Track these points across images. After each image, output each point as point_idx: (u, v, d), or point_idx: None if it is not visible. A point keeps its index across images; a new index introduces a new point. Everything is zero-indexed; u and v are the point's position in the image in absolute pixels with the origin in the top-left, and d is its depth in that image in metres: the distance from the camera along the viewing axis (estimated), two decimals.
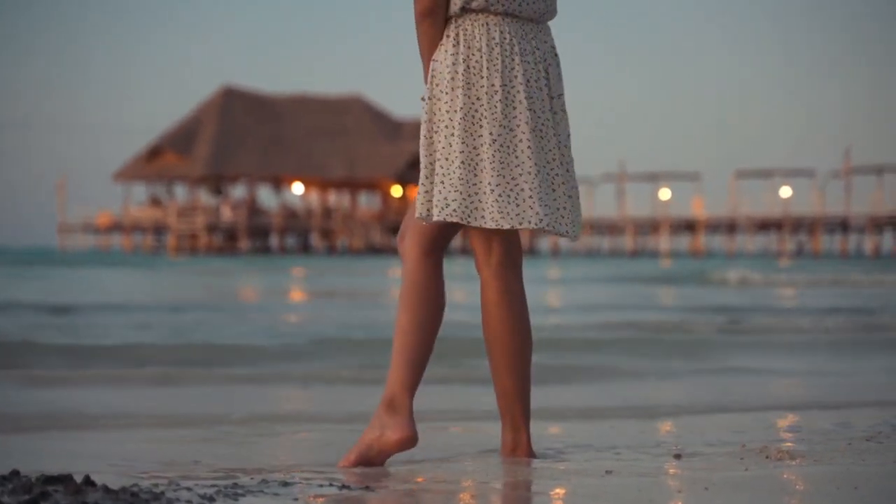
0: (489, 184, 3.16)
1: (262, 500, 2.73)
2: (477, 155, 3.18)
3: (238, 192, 70.12)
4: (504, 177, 3.16)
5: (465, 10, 3.23)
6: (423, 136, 3.25)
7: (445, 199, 3.18)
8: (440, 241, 3.32)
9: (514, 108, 3.19)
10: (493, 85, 3.18)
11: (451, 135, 3.19)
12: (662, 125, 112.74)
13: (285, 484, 2.91)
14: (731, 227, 62.73)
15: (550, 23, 3.35)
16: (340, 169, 69.32)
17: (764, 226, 62.13)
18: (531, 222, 3.15)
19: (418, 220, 3.26)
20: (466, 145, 3.18)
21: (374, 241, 69.43)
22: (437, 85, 3.23)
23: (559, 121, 3.27)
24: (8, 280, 24.46)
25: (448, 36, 3.24)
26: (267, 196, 70.80)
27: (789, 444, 3.62)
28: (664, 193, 63.09)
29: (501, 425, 3.36)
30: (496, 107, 3.18)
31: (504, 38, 3.21)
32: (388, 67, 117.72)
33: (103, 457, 3.51)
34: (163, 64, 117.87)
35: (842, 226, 59.95)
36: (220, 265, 42.34)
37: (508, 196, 3.16)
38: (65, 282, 24.63)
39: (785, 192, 61.10)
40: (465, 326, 8.77)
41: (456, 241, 69.28)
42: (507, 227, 3.16)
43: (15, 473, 2.77)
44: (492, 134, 3.17)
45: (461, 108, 3.19)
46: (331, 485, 2.92)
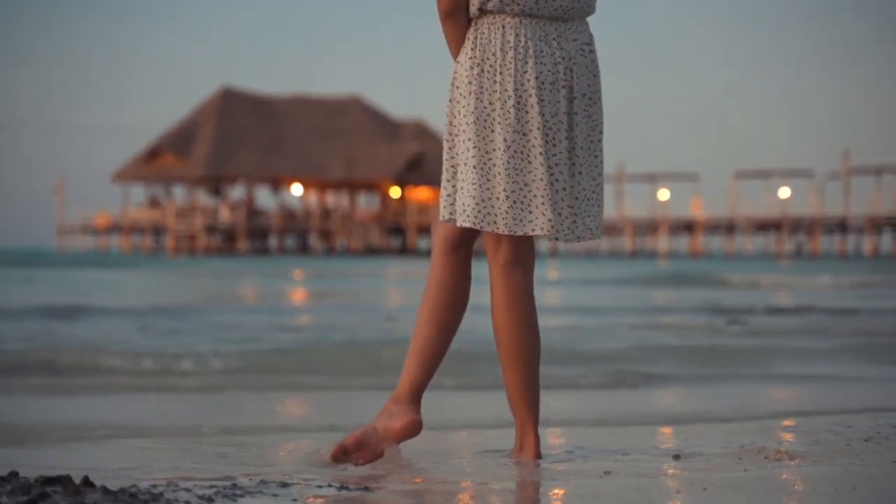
0: (504, 190, 3.18)
1: (260, 500, 2.73)
2: (490, 160, 3.20)
3: (237, 192, 70.13)
4: (518, 183, 3.18)
5: (483, 11, 3.24)
6: (445, 138, 3.29)
7: (464, 204, 3.22)
8: (462, 239, 3.33)
9: (527, 112, 3.18)
10: (507, 90, 3.18)
11: (468, 139, 3.22)
12: (661, 126, 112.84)
13: (284, 485, 2.91)
14: (729, 228, 62.72)
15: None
16: (339, 170, 69.29)
17: (763, 226, 62.13)
18: (543, 229, 3.17)
19: (441, 220, 3.28)
20: (479, 150, 3.20)
21: (372, 242, 69.40)
22: (457, 88, 3.25)
23: (578, 122, 3.23)
24: (7, 283, 24.41)
25: (468, 38, 3.26)
26: (266, 197, 70.83)
27: (788, 444, 3.62)
28: (663, 194, 63.11)
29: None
30: (509, 112, 3.18)
31: (519, 40, 3.20)
32: (386, 68, 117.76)
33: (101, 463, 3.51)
34: (162, 65, 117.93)
35: (840, 226, 59.95)
36: (219, 266, 42.31)
37: (521, 202, 3.18)
38: (63, 284, 24.59)
39: (784, 192, 61.11)
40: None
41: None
42: (520, 233, 3.19)
43: (14, 475, 2.77)
44: (505, 140, 3.18)
45: (473, 112, 3.21)
46: (329, 485, 2.92)
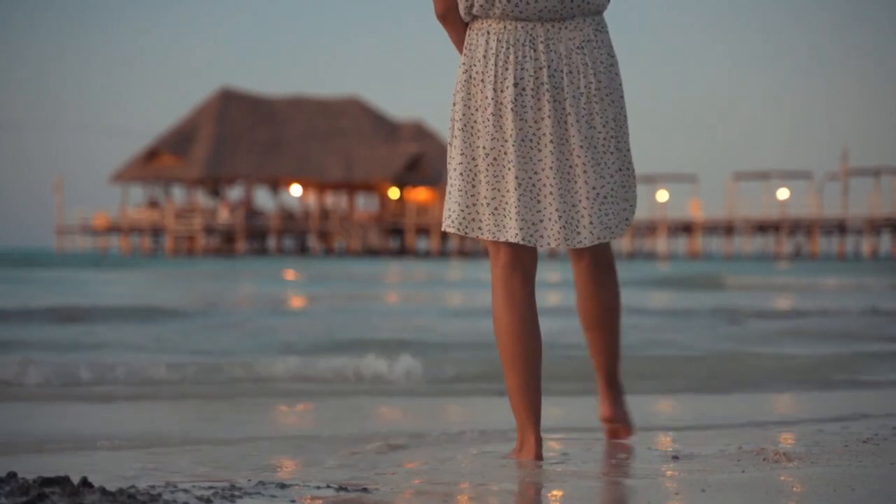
0: (485, 196, 3.22)
1: (259, 501, 2.73)
2: (476, 166, 3.23)
3: (235, 193, 70.12)
4: (497, 189, 3.21)
5: (473, 17, 3.26)
6: (448, 143, 3.32)
7: (450, 209, 3.27)
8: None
9: (503, 118, 3.19)
10: (487, 97, 3.21)
11: (456, 146, 3.26)
12: (660, 127, 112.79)
13: (282, 486, 2.91)
14: (728, 229, 62.71)
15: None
16: (338, 171, 69.27)
17: (761, 228, 62.13)
18: (517, 236, 3.19)
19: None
20: (466, 156, 3.23)
21: (371, 243, 69.39)
22: (454, 93, 3.28)
23: (575, 122, 3.18)
24: (5, 284, 24.41)
25: (465, 43, 3.28)
26: (264, 198, 70.87)
27: (786, 446, 3.62)
28: (662, 195, 63.08)
29: None
30: (488, 120, 3.20)
31: (500, 46, 3.20)
32: (385, 69, 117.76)
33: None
34: (160, 66, 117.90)
35: (839, 228, 59.95)
36: (218, 267, 42.32)
37: (501, 209, 3.21)
38: (61, 286, 24.59)
39: (782, 194, 61.10)
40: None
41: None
42: (502, 239, 3.22)
43: (12, 475, 2.76)
44: (484, 147, 3.21)
45: (461, 119, 3.24)
46: (328, 486, 2.92)
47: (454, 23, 3.28)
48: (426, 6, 3.32)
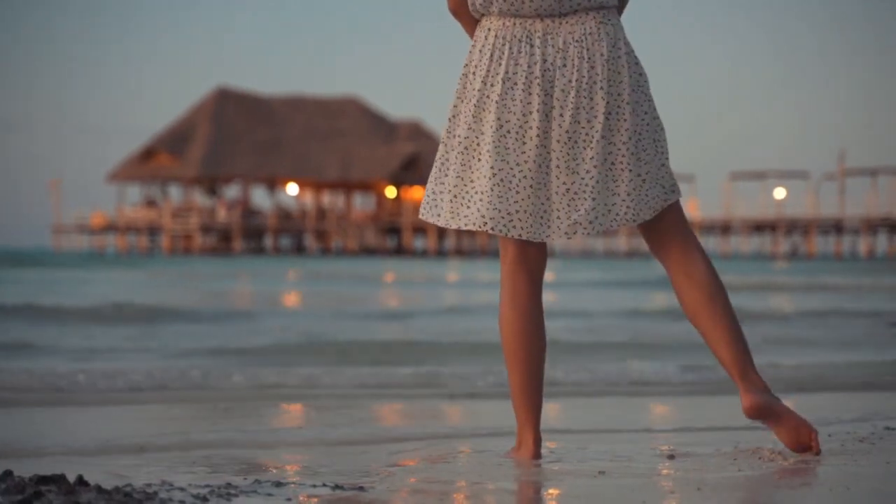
0: (447, 184, 3.25)
1: (255, 500, 2.73)
2: (448, 155, 3.27)
3: (232, 192, 70.13)
4: (462, 178, 3.22)
5: (477, 13, 3.29)
6: None
7: (424, 198, 3.33)
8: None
9: (485, 110, 3.21)
10: (474, 89, 3.23)
11: (442, 138, 3.32)
12: None
13: (278, 484, 2.91)
14: (725, 229, 62.76)
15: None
16: (335, 170, 69.29)
17: (758, 227, 62.18)
18: (475, 224, 3.19)
19: None
20: (444, 146, 3.28)
21: (368, 243, 69.41)
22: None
23: (568, 115, 3.15)
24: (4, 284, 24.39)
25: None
26: (261, 197, 70.96)
27: (782, 445, 3.62)
28: None
29: None
30: (470, 111, 3.23)
31: (497, 42, 3.22)
32: (383, 69, 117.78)
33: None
34: (158, 65, 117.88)
35: (836, 228, 60.02)
36: (216, 267, 42.28)
37: (462, 197, 3.22)
38: (60, 285, 24.58)
39: (779, 193, 61.17)
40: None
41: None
42: (454, 227, 3.24)
43: (8, 473, 2.76)
44: (458, 136, 3.24)
45: (451, 111, 3.28)
46: (324, 485, 2.92)
47: (465, 19, 3.33)
48: (425, 6, 3.35)
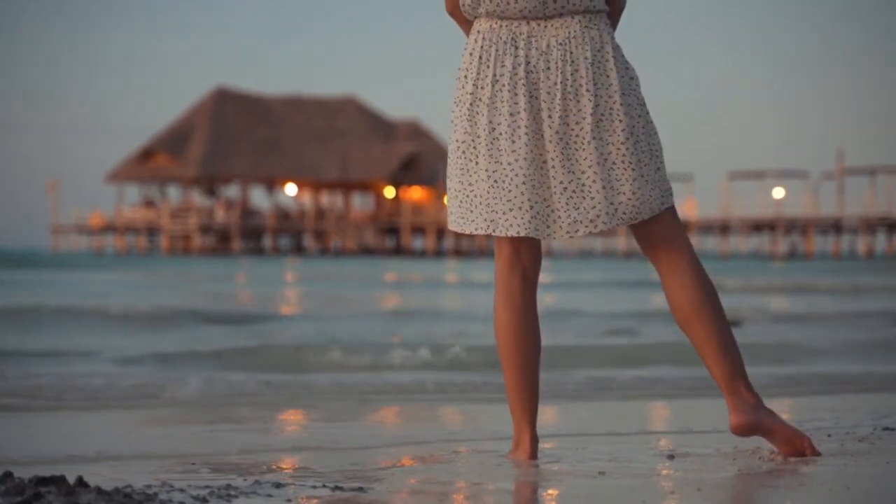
0: (453, 189, 3.28)
1: (255, 501, 2.73)
2: (451, 161, 3.31)
3: (231, 193, 70.11)
4: (462, 182, 3.26)
5: (469, 16, 3.31)
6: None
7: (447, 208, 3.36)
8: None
9: (477, 114, 3.23)
10: (467, 92, 3.26)
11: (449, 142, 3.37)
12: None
13: (278, 485, 2.91)
14: (724, 229, 62.76)
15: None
16: (334, 170, 69.29)
17: (757, 227, 62.18)
18: (479, 228, 3.23)
19: None
20: (450, 154, 3.31)
21: (367, 243, 69.40)
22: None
23: (557, 116, 3.16)
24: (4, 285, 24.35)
25: None
26: (260, 197, 70.91)
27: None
28: None
29: None
30: (464, 114, 3.25)
31: (486, 44, 3.24)
32: (382, 69, 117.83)
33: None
34: (156, 65, 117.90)
35: (835, 227, 60.02)
36: (215, 266, 42.27)
37: (466, 202, 3.25)
38: (59, 286, 24.55)
39: (778, 193, 61.17)
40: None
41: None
42: (458, 230, 3.28)
43: (8, 475, 2.76)
44: (457, 141, 3.27)
45: (451, 116, 3.31)
46: (324, 486, 2.93)
47: (461, 18, 3.35)
48: (424, 6, 3.36)
